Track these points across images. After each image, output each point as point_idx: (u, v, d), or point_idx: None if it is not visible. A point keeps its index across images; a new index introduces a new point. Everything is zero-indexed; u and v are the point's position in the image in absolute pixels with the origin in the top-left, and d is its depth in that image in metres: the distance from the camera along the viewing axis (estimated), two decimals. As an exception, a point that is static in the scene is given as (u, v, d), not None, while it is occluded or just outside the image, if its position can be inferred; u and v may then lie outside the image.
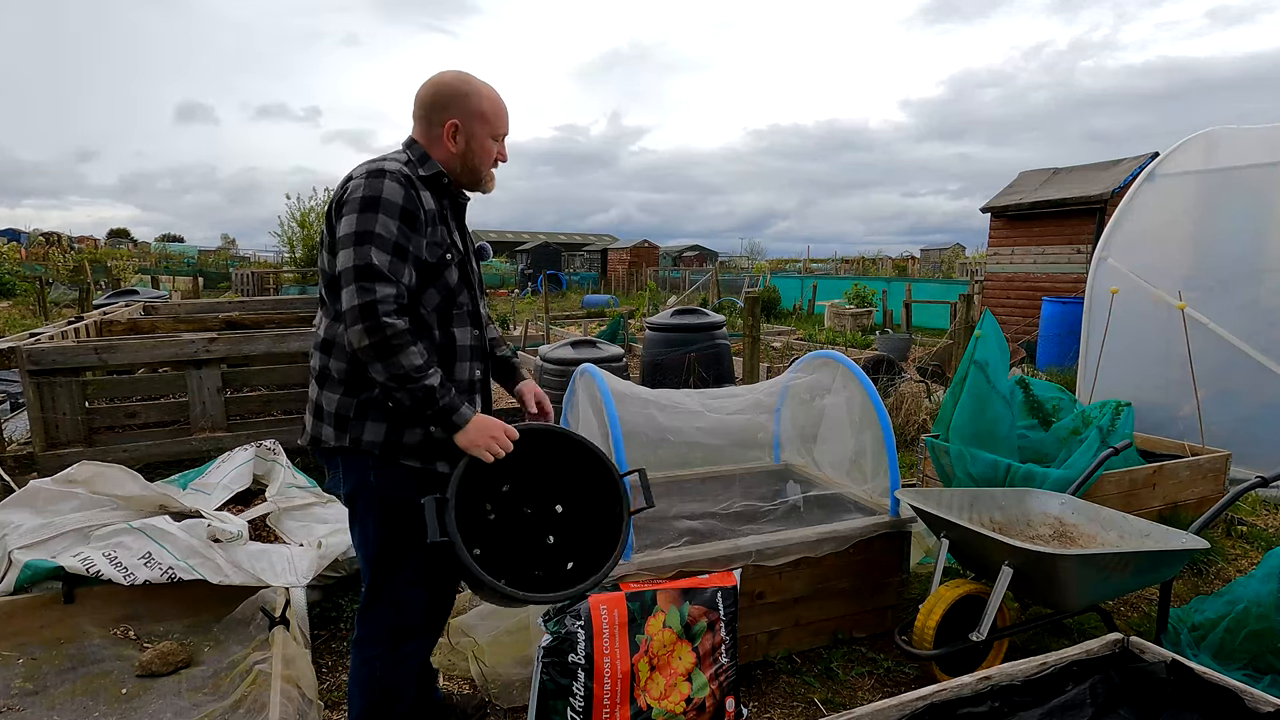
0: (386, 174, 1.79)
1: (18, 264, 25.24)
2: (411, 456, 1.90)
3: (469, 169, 1.96)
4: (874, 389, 3.03)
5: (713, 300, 20.06)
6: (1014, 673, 1.94)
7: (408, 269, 1.78)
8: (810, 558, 2.73)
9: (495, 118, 1.95)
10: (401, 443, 1.88)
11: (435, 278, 1.87)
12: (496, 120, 1.96)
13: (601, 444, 2.66)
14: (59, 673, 2.48)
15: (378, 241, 1.73)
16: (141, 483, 3.08)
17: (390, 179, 1.78)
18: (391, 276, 1.73)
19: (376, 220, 1.74)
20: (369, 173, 1.80)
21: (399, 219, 1.76)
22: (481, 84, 1.94)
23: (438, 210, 1.89)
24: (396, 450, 1.88)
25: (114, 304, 7.85)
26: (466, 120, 1.92)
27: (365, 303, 1.69)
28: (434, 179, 1.91)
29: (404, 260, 1.77)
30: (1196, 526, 2.68)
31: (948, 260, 39.59)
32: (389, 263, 1.73)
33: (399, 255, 1.76)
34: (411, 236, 1.79)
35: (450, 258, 1.89)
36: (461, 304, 1.95)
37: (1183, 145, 5.44)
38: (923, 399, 6.14)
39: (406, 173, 1.83)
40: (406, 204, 1.78)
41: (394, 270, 1.74)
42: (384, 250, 1.73)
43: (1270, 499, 4.59)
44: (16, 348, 4.02)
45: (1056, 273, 10.83)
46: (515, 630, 2.68)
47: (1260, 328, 4.70)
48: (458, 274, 1.92)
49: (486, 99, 1.94)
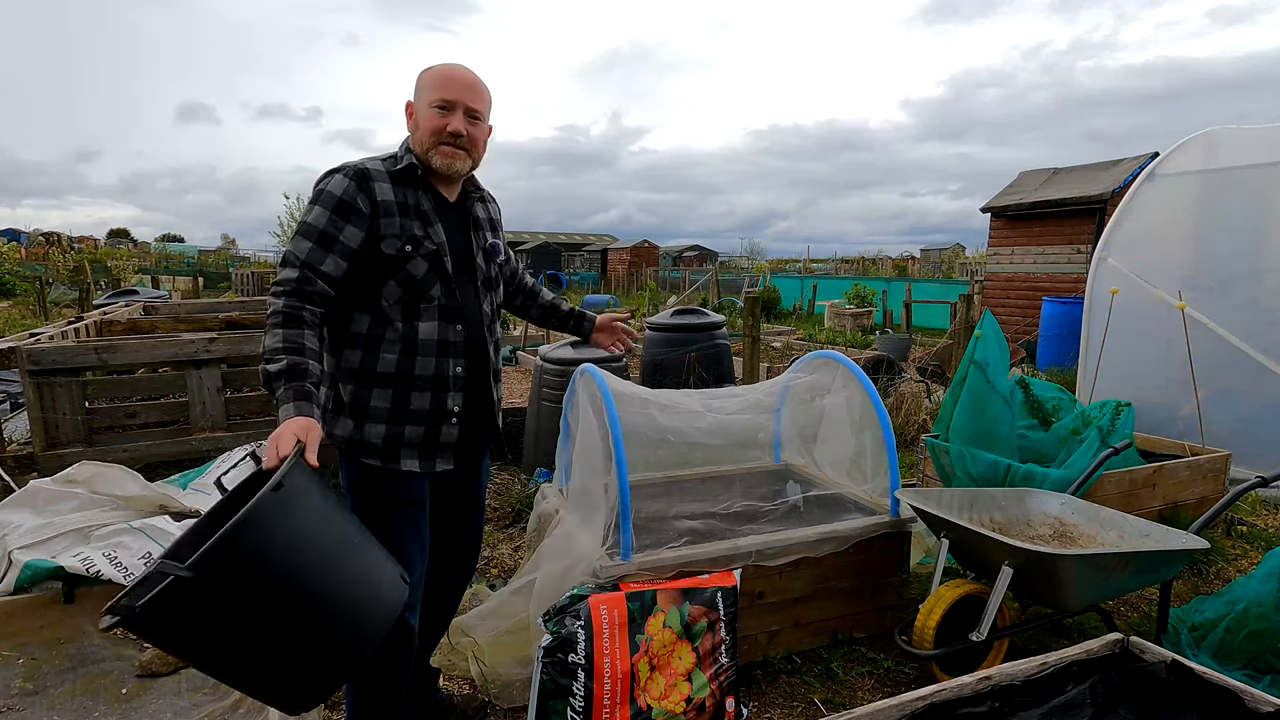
0: (339, 170, 1.85)
1: (18, 264, 25.24)
2: (373, 455, 1.90)
3: (421, 144, 1.90)
4: (874, 389, 3.03)
5: (713, 300, 20.06)
6: (1014, 673, 1.94)
7: (332, 258, 1.80)
8: (810, 558, 2.73)
9: (436, 84, 1.89)
10: (364, 440, 1.89)
11: (395, 270, 1.85)
12: (434, 86, 1.89)
13: (601, 444, 2.66)
14: (59, 673, 2.49)
15: (304, 230, 1.81)
16: (141, 483, 3.09)
17: (339, 174, 1.83)
18: (299, 263, 1.77)
19: (312, 211, 1.82)
20: (327, 172, 1.87)
21: (331, 210, 1.80)
22: (441, 64, 1.94)
23: (405, 203, 1.87)
24: (359, 448, 1.90)
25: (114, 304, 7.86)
26: (416, 95, 1.93)
27: (272, 283, 1.80)
28: (405, 172, 1.90)
29: (327, 249, 1.79)
30: (1196, 526, 2.68)
31: (948, 260, 39.60)
32: (307, 250, 1.78)
33: (322, 244, 1.79)
34: (344, 227, 1.80)
35: (412, 249, 1.86)
36: (433, 297, 1.90)
37: (1183, 145, 5.44)
38: (923, 399, 6.14)
39: (363, 168, 1.85)
40: (344, 196, 1.80)
41: (311, 258, 1.78)
42: (307, 239, 1.79)
43: (1270, 499, 4.59)
44: (16, 348, 4.02)
45: (1056, 273, 10.83)
46: (515, 630, 2.68)
47: (1260, 328, 4.70)
48: (427, 266, 1.88)
49: (432, 71, 1.92)
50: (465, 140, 1.91)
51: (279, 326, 1.71)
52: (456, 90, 1.90)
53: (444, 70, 1.92)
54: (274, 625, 1.43)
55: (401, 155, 1.92)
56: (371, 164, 1.88)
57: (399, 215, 1.86)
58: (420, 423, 1.92)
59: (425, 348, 1.90)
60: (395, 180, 1.88)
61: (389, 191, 1.86)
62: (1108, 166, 10.75)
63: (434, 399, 1.92)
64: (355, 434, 1.88)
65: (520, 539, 3.87)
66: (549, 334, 12.07)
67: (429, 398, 1.92)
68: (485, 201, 2.16)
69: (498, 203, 2.26)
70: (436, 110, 1.88)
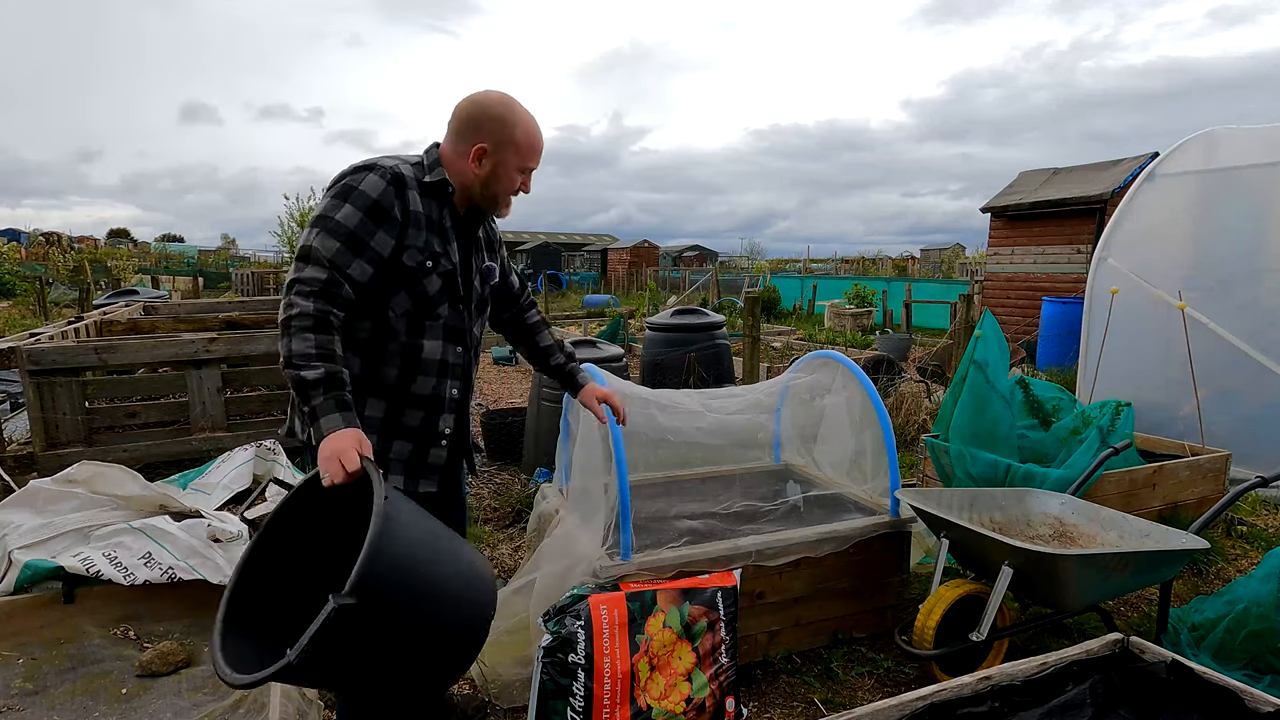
0: (374, 169, 1.76)
1: (18, 264, 25.24)
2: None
3: (488, 195, 1.89)
4: (874, 389, 3.03)
5: (713, 300, 20.06)
6: (1014, 673, 1.94)
7: (359, 263, 1.71)
8: (810, 558, 2.73)
9: (529, 150, 1.88)
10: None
11: (411, 283, 1.80)
12: (529, 153, 1.89)
13: (601, 444, 2.66)
14: (59, 673, 2.48)
15: (330, 226, 1.69)
16: (141, 483, 3.08)
17: (375, 174, 1.74)
18: (328, 263, 1.67)
19: (341, 208, 1.71)
20: (358, 166, 1.77)
21: (365, 212, 1.71)
22: (524, 113, 1.87)
23: (431, 218, 1.83)
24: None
25: (114, 304, 7.86)
26: (498, 147, 1.84)
27: (289, 280, 1.67)
28: (437, 186, 1.85)
29: (356, 253, 1.70)
30: (1196, 526, 2.68)
31: (948, 260, 39.60)
32: (335, 250, 1.68)
33: (352, 247, 1.70)
34: (376, 232, 1.72)
35: (431, 266, 1.82)
36: (440, 315, 1.86)
37: (1183, 145, 5.44)
38: (923, 399, 6.13)
39: (399, 172, 1.77)
40: (380, 200, 1.72)
41: (339, 259, 1.68)
42: (334, 237, 1.69)
43: (1270, 499, 4.59)
44: (16, 348, 4.02)
45: (1056, 273, 10.83)
46: (515, 630, 2.68)
47: (1260, 328, 4.70)
48: (440, 284, 1.84)
49: (523, 129, 1.86)
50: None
51: (310, 331, 1.61)
52: (539, 158, 1.92)
53: (534, 133, 1.89)
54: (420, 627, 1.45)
55: (430, 165, 1.86)
56: (405, 169, 1.80)
57: (425, 229, 1.81)
58: (410, 440, 1.88)
59: (427, 366, 1.86)
60: (424, 192, 1.83)
61: (419, 202, 1.80)
62: (1108, 166, 10.75)
63: (427, 419, 1.88)
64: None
65: (520, 539, 3.87)
66: (549, 334, 12.05)
67: (421, 416, 1.88)
68: (485, 220, 2.10)
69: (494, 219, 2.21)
70: (520, 174, 1.89)
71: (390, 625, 1.38)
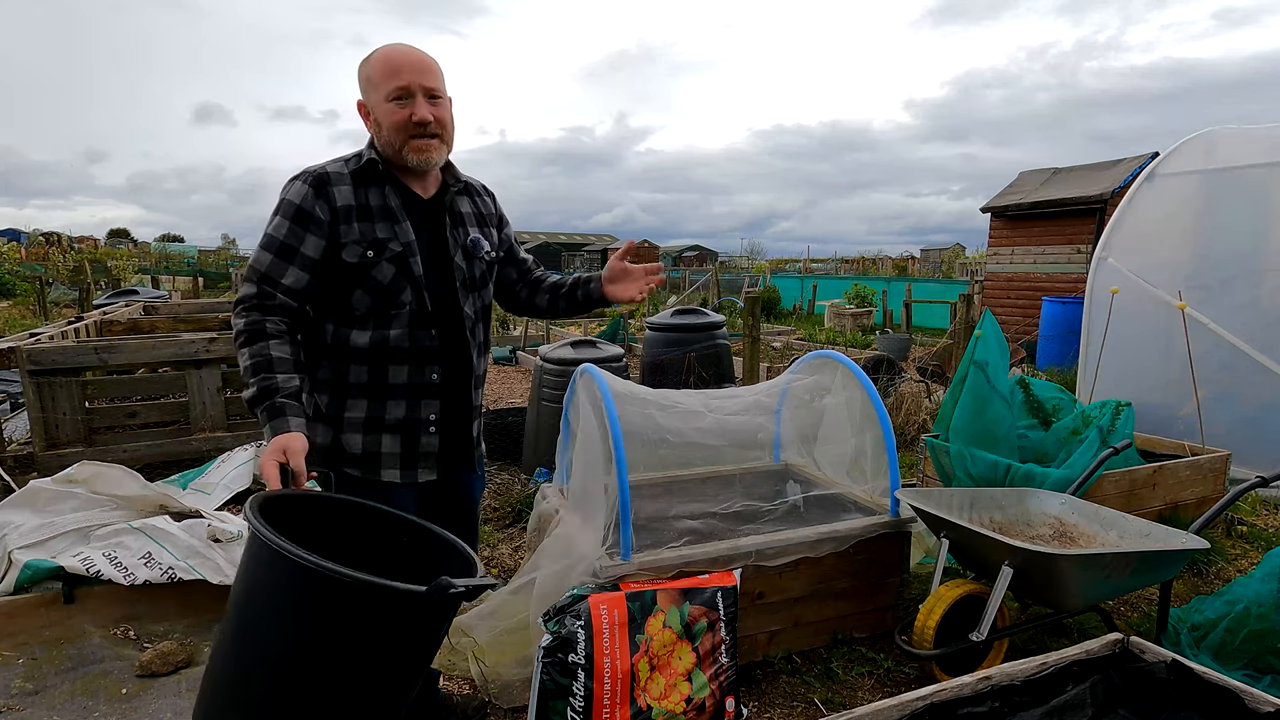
0: (300, 176, 1.77)
1: (18, 264, 25.24)
2: (353, 465, 1.84)
3: (391, 145, 1.77)
4: (874, 389, 3.03)
5: (713, 300, 20.05)
6: (1014, 673, 1.94)
7: (293, 270, 1.73)
8: (810, 558, 2.73)
9: (385, 74, 1.73)
10: (343, 449, 1.83)
11: (361, 278, 1.76)
12: (387, 75, 1.72)
13: (602, 444, 2.66)
14: (59, 673, 2.48)
15: (264, 242, 1.75)
16: (141, 483, 3.09)
17: (299, 181, 1.76)
18: (258, 277, 1.73)
19: (273, 221, 1.75)
20: (291, 178, 1.79)
21: (291, 220, 1.73)
22: (380, 49, 1.77)
23: (367, 205, 1.77)
24: (338, 457, 1.84)
25: (114, 304, 7.86)
26: (366, 93, 1.78)
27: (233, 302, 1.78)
28: (365, 169, 1.79)
29: (288, 260, 1.73)
30: (1196, 526, 2.68)
31: (948, 260, 39.60)
32: (267, 263, 1.73)
33: (283, 256, 1.73)
34: (305, 237, 1.73)
35: (374, 255, 1.75)
36: (404, 303, 1.79)
37: (1183, 145, 5.44)
38: (923, 399, 6.13)
39: (322, 172, 1.76)
40: (303, 204, 1.73)
41: (272, 270, 1.73)
42: (268, 250, 1.74)
43: (1270, 499, 4.59)
44: (16, 348, 4.02)
45: (1056, 273, 10.83)
46: (515, 630, 2.68)
47: (1260, 328, 4.70)
48: (394, 270, 1.78)
49: (375, 60, 1.75)
50: (434, 126, 1.76)
51: (244, 346, 1.68)
52: (408, 74, 1.72)
53: (387, 56, 1.74)
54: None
55: (365, 153, 1.81)
56: (333, 166, 1.79)
57: (358, 220, 1.76)
58: (396, 432, 1.85)
59: (397, 355, 1.81)
60: (357, 180, 1.78)
61: (349, 195, 1.76)
62: (1108, 166, 10.76)
63: (409, 407, 1.85)
64: (334, 442, 1.83)
65: (520, 539, 3.87)
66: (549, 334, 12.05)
67: (404, 406, 1.84)
68: (472, 195, 2.00)
69: (493, 195, 2.11)
70: (395, 104, 1.73)
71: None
